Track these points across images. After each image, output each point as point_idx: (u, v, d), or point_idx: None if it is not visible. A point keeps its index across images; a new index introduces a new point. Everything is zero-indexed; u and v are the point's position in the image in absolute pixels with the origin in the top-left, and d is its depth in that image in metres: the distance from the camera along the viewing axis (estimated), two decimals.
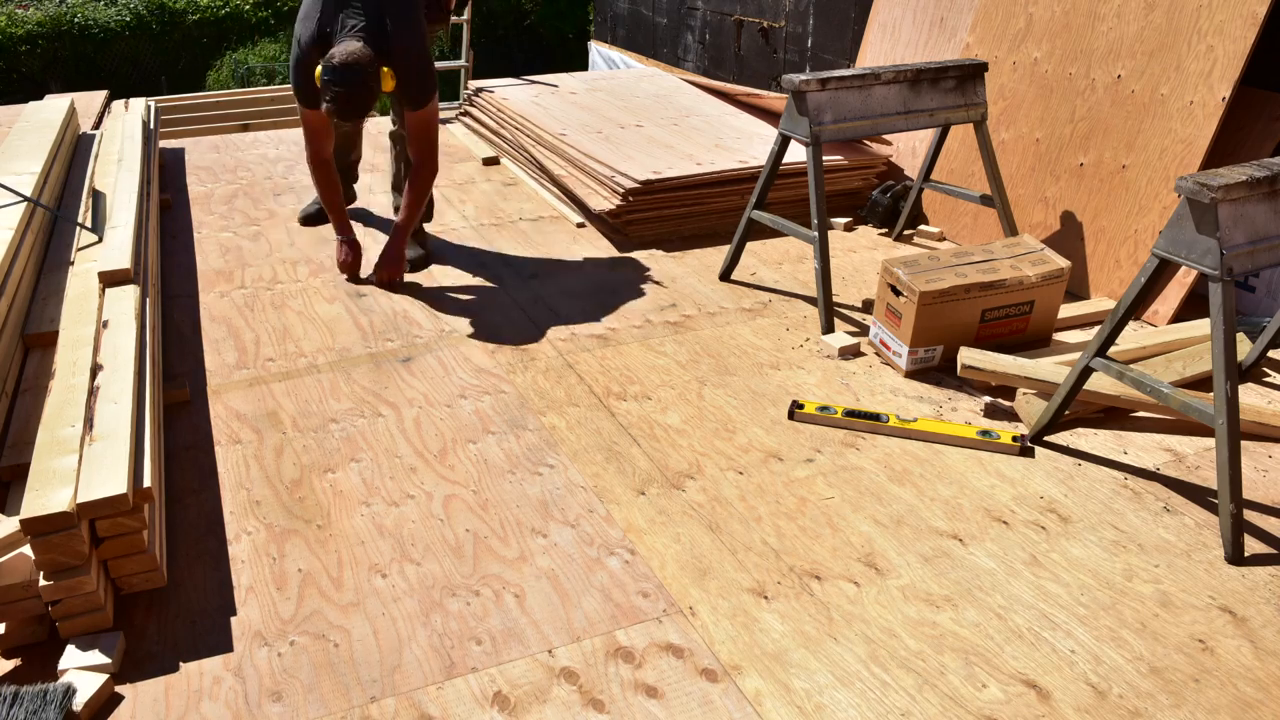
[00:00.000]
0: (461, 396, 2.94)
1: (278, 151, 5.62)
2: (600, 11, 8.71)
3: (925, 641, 2.01)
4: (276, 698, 1.87)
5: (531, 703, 1.86)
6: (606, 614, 2.08)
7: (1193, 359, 2.98)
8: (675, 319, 3.48)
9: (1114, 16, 3.61)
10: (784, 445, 2.70)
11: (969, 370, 2.90)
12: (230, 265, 3.92)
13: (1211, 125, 3.24)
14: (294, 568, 2.21)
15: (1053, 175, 3.81)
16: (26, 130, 4.34)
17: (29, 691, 1.79)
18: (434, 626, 2.04)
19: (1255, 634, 2.04)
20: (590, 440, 2.72)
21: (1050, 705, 1.86)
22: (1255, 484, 2.55)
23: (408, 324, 3.41)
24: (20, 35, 17.15)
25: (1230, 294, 2.21)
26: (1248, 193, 2.21)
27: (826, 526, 2.37)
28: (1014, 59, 4.00)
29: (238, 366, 3.11)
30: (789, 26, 6.02)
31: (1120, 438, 2.76)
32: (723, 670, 1.94)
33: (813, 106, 3.33)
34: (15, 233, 3.09)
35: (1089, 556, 2.27)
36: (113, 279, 2.92)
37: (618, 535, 2.33)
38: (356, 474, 2.56)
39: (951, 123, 3.68)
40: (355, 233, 3.84)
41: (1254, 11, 3.15)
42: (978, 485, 2.54)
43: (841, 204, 4.55)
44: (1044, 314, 3.19)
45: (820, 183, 3.34)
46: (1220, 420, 2.23)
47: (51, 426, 2.19)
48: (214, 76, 17.87)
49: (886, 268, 3.12)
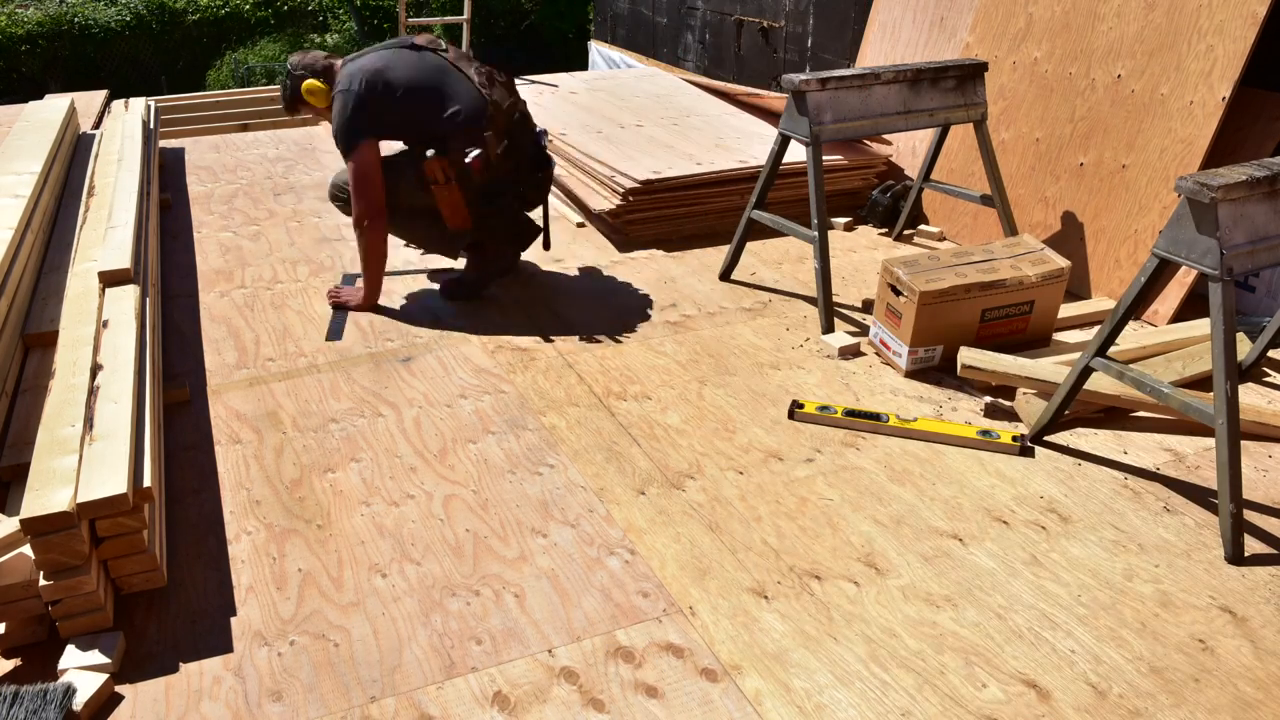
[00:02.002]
0: (461, 396, 2.94)
1: (277, 151, 5.62)
2: (600, 11, 8.71)
3: (925, 641, 2.01)
4: (276, 698, 1.87)
5: (531, 703, 1.86)
6: (606, 614, 2.08)
7: (1193, 359, 2.98)
8: (675, 319, 3.48)
9: (1114, 16, 3.61)
10: (784, 445, 2.70)
11: (969, 370, 2.90)
12: (230, 265, 3.92)
13: (1211, 125, 3.24)
14: (294, 568, 2.21)
15: (1053, 175, 3.81)
16: (26, 130, 4.34)
17: (29, 691, 1.79)
18: (434, 626, 2.04)
19: (1255, 634, 2.04)
20: (590, 440, 2.72)
21: (1050, 705, 1.86)
22: (1255, 484, 2.55)
23: (408, 324, 3.41)
24: (20, 35, 17.16)
25: (1230, 294, 2.21)
26: (1248, 192, 2.21)
27: (826, 526, 2.37)
28: (1014, 59, 4.00)
29: (238, 366, 3.11)
30: (789, 26, 6.02)
31: (1120, 438, 2.76)
32: (723, 670, 1.94)
33: (813, 106, 3.33)
34: (15, 233, 3.09)
35: (1089, 556, 2.27)
36: (113, 279, 2.92)
37: (618, 535, 2.33)
38: (356, 474, 2.56)
39: (951, 123, 3.68)
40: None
41: (1254, 11, 3.15)
42: (978, 485, 2.54)
43: (841, 204, 4.55)
44: (1044, 314, 3.19)
45: (820, 183, 3.34)
46: (1220, 420, 2.23)
47: (51, 426, 2.19)
48: (214, 76, 17.88)
49: (886, 268, 3.12)
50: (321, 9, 19.87)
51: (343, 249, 4.09)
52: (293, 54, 3.41)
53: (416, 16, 17.91)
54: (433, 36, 3.47)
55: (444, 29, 18.11)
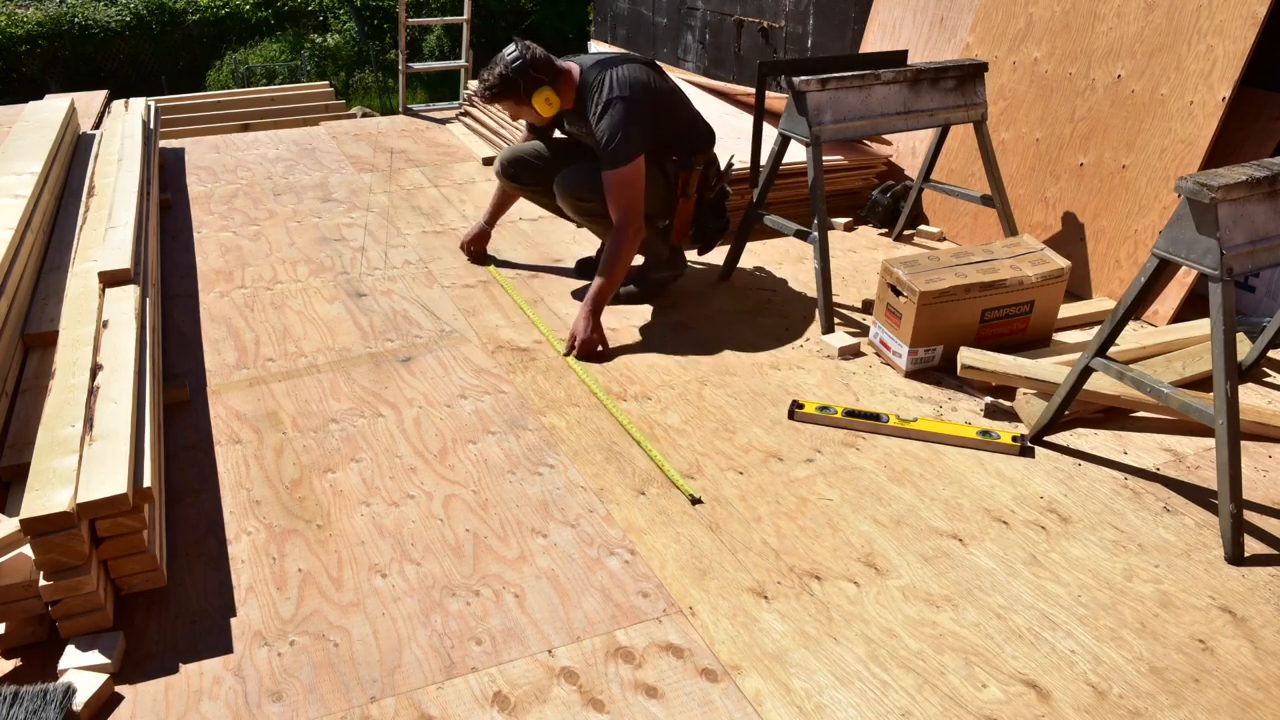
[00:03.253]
0: (461, 396, 2.94)
1: (277, 151, 5.63)
2: (600, 11, 8.71)
3: (925, 641, 2.01)
4: (276, 698, 1.87)
5: (531, 703, 1.86)
6: (606, 614, 2.08)
7: (1193, 359, 2.98)
8: (675, 319, 3.48)
9: (1114, 16, 3.61)
10: (784, 445, 2.70)
11: (969, 370, 2.90)
12: (230, 265, 3.92)
13: (1211, 125, 3.24)
14: (294, 568, 2.21)
15: (1053, 175, 3.81)
16: (26, 130, 4.35)
17: (29, 691, 1.79)
18: (434, 626, 2.04)
19: (1255, 634, 2.04)
20: (590, 440, 2.72)
21: (1050, 705, 1.86)
22: (1255, 484, 2.55)
23: (408, 324, 3.41)
24: (20, 35, 17.16)
25: (1230, 294, 2.21)
26: (1248, 193, 2.21)
27: (826, 526, 2.37)
28: (1014, 59, 4.00)
29: (238, 366, 3.11)
30: (789, 26, 6.02)
31: (1120, 438, 2.76)
32: (723, 670, 1.94)
33: (813, 106, 3.33)
34: (15, 233, 3.09)
35: (1089, 556, 2.27)
36: (113, 279, 2.92)
37: (618, 535, 2.33)
38: (356, 474, 2.56)
39: (951, 123, 3.68)
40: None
41: (1254, 11, 3.15)
42: (978, 485, 2.54)
43: (841, 204, 4.55)
44: (1044, 314, 3.19)
45: (820, 183, 3.34)
46: (1220, 420, 2.23)
47: (51, 426, 2.19)
48: (214, 76, 17.89)
49: (886, 268, 3.12)
50: (321, 9, 19.89)
51: (342, 249, 4.10)
52: (513, 46, 3.26)
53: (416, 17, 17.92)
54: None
55: (444, 29, 18.12)
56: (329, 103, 8.53)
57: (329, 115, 7.99)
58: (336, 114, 8.19)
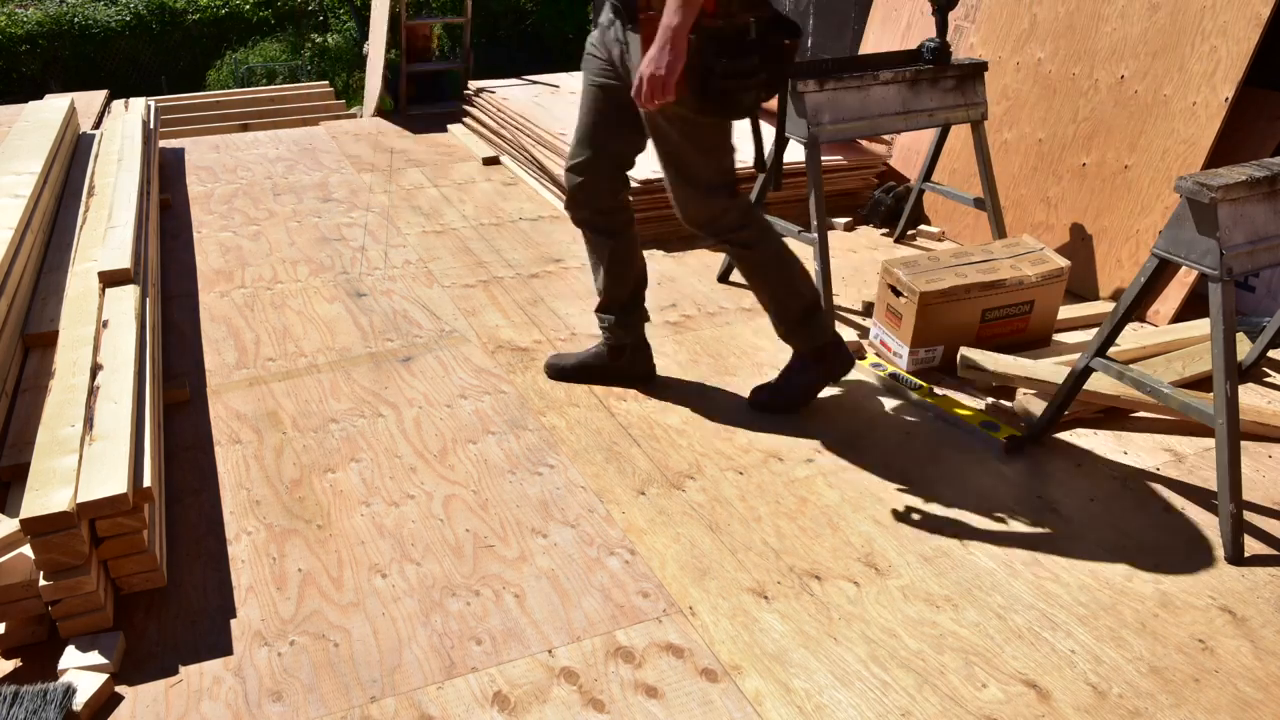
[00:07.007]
0: (461, 396, 2.94)
1: (277, 151, 5.63)
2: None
3: (925, 641, 2.01)
4: (276, 698, 1.87)
5: (531, 703, 1.86)
6: (606, 614, 2.08)
7: (1193, 359, 2.98)
8: (675, 319, 3.48)
9: (1118, 17, 3.61)
10: (784, 445, 2.70)
11: (969, 370, 2.90)
12: (230, 265, 3.92)
13: (1214, 126, 3.24)
14: (294, 568, 2.21)
15: (1055, 175, 3.80)
16: (26, 130, 4.34)
17: (29, 691, 1.79)
18: (434, 626, 2.04)
19: (1255, 634, 2.04)
20: (590, 440, 2.72)
21: (1050, 705, 1.86)
22: (1255, 484, 2.55)
23: (408, 324, 3.41)
24: (20, 35, 17.15)
25: (1230, 294, 2.21)
26: (1248, 193, 2.21)
27: (826, 526, 2.37)
28: (1017, 59, 4.00)
29: (238, 366, 3.11)
30: None
31: (1120, 438, 2.75)
32: (723, 670, 1.94)
33: (811, 107, 3.33)
34: (15, 233, 3.09)
35: (1089, 556, 2.27)
36: (113, 279, 2.92)
37: (618, 535, 2.33)
38: (356, 474, 2.56)
39: (951, 123, 3.68)
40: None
41: (1258, 12, 3.15)
42: (978, 485, 2.54)
43: (841, 204, 4.54)
44: (1044, 314, 3.19)
45: (819, 183, 3.34)
46: (1220, 420, 2.23)
47: (51, 426, 2.19)
48: (214, 76, 17.88)
49: (886, 268, 3.12)
50: (321, 9, 19.87)
51: (342, 249, 4.09)
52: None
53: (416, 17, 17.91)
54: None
55: (444, 29, 18.11)
56: (329, 103, 8.53)
57: (329, 115, 7.98)
58: (336, 114, 8.19)
